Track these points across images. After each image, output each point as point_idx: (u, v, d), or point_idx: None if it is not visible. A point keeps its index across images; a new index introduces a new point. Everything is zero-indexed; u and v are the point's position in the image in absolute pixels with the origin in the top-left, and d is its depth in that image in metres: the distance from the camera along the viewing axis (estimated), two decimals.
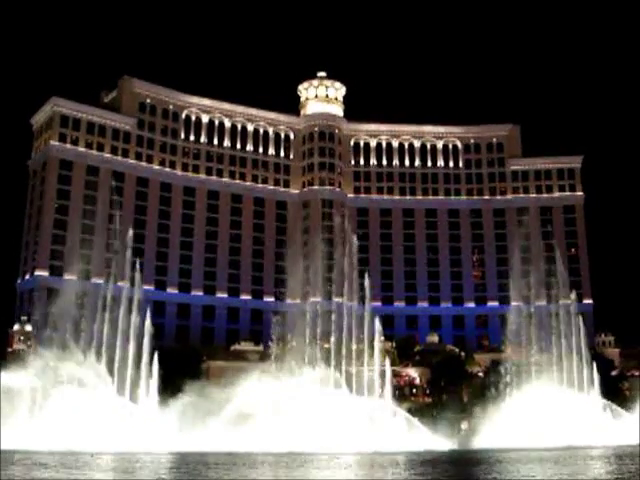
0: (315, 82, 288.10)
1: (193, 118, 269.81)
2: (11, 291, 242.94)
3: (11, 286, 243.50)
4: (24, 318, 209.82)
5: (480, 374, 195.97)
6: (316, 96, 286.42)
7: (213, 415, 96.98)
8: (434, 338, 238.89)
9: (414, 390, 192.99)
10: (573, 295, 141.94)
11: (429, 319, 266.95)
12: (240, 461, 71.51)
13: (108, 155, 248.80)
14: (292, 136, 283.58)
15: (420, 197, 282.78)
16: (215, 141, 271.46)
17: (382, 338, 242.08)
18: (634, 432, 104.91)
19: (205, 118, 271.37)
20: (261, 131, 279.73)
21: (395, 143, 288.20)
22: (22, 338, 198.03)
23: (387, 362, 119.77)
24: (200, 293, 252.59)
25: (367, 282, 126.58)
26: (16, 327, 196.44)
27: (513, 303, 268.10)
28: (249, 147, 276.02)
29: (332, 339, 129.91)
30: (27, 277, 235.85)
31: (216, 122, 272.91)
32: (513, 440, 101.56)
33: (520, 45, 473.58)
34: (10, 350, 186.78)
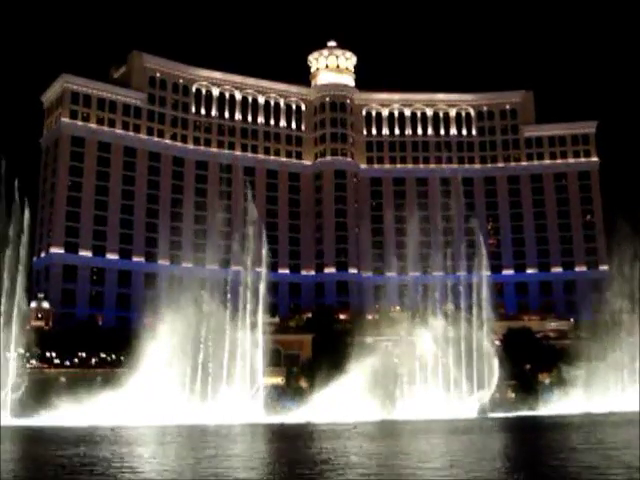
0: (325, 52, 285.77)
1: (203, 91, 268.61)
2: (27, 268, 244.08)
3: (27, 263, 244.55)
4: (41, 295, 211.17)
5: (497, 342, 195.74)
6: (327, 66, 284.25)
7: None
8: (449, 307, 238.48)
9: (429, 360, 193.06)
10: None
11: (445, 288, 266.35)
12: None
13: (120, 131, 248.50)
14: (303, 107, 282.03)
15: (433, 166, 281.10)
16: (226, 114, 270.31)
17: (397, 308, 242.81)
18: None
19: (215, 91, 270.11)
20: (272, 103, 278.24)
21: (407, 112, 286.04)
22: (40, 315, 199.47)
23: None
24: (216, 267, 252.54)
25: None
26: (33, 304, 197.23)
27: (529, 271, 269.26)
28: (260, 119, 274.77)
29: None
30: (42, 254, 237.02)
31: (227, 95, 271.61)
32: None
33: (532, 10, 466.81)
34: (28, 327, 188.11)
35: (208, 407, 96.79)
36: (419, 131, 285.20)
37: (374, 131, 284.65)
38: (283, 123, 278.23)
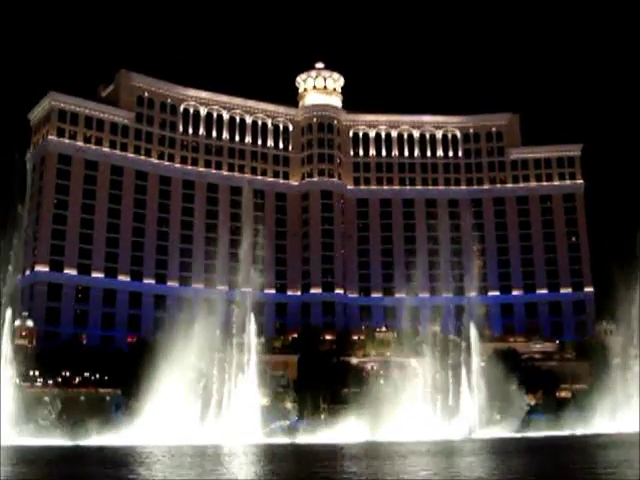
0: (313, 73, 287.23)
1: (191, 111, 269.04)
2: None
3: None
4: (25, 314, 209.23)
5: (482, 364, 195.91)
6: (314, 87, 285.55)
7: None
8: (435, 329, 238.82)
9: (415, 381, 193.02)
10: None
11: (430, 310, 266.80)
12: None
13: (106, 149, 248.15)
14: (291, 127, 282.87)
15: (420, 187, 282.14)
16: (214, 133, 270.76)
17: (384, 328, 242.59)
18: None
19: (203, 111, 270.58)
20: (259, 123, 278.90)
21: (394, 133, 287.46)
22: (24, 334, 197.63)
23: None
24: (201, 286, 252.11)
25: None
26: (17, 323, 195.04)
27: (514, 292, 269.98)
28: (248, 139, 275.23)
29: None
30: (27, 272, 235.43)
31: (214, 114, 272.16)
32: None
33: (518, 34, 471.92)
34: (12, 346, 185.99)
35: (209, 428, 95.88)
36: (406, 152, 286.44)
37: (361, 152, 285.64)
38: (270, 143, 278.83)
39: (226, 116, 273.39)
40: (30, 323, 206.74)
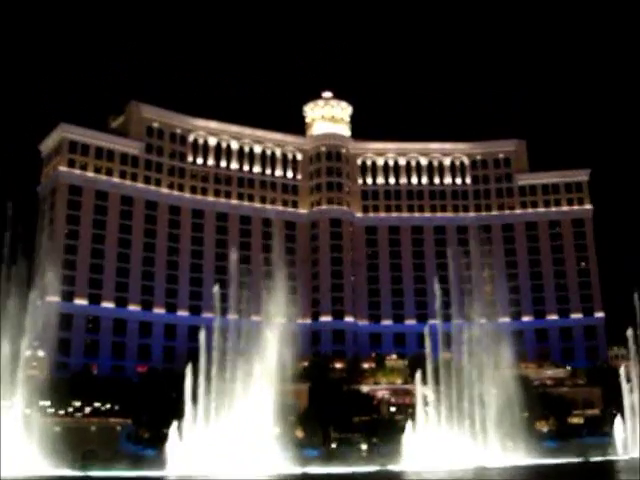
0: (321, 102, 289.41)
1: (200, 141, 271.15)
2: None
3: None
4: (36, 344, 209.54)
5: (494, 390, 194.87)
6: (322, 116, 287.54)
7: None
8: (447, 355, 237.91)
9: (426, 408, 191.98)
10: None
11: (441, 336, 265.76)
12: None
13: (117, 180, 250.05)
14: (299, 157, 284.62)
15: (428, 214, 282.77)
16: (223, 163, 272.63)
17: (394, 356, 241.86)
18: None
19: (212, 141, 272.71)
20: (268, 152, 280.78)
21: (402, 161, 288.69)
22: (35, 364, 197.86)
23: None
24: (210, 315, 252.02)
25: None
26: (28, 353, 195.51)
27: (525, 318, 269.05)
28: (257, 169, 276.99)
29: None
30: (38, 302, 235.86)
31: (223, 144, 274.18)
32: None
33: (525, 60, 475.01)
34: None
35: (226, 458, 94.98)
36: (414, 180, 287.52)
37: (369, 180, 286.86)
38: (279, 172, 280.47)
39: (235, 146, 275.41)
40: (41, 353, 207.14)
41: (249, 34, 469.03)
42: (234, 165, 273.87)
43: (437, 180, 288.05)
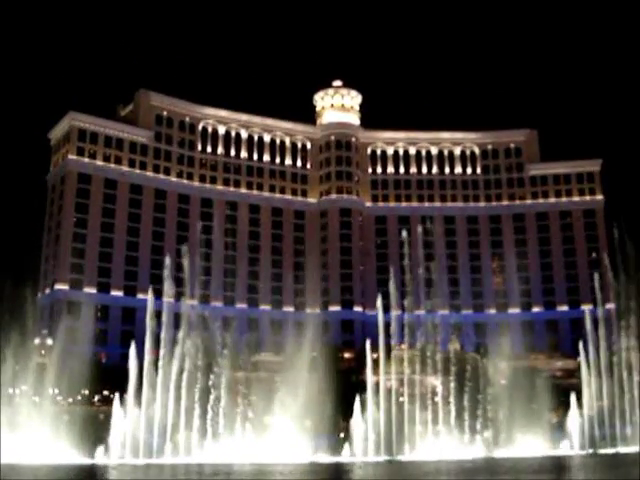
0: (331, 91, 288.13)
1: (210, 129, 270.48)
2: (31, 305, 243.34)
3: (31, 300, 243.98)
4: (45, 332, 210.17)
5: (502, 382, 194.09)
6: (332, 105, 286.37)
7: None
8: (455, 346, 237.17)
9: (435, 399, 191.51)
10: None
11: (449, 326, 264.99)
12: None
13: (126, 168, 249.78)
14: (309, 145, 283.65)
15: (438, 204, 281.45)
16: (232, 152, 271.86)
17: (404, 346, 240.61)
18: None
19: (222, 129, 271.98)
20: (278, 141, 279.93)
21: (412, 150, 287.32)
22: (43, 352, 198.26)
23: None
24: (220, 304, 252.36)
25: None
26: (37, 341, 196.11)
27: (535, 309, 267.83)
28: (266, 157, 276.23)
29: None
30: (47, 291, 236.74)
31: (233, 133, 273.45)
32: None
33: (537, 49, 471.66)
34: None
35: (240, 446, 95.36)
36: (424, 169, 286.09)
37: (379, 169, 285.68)
38: (288, 161, 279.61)
39: (244, 134, 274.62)
40: (50, 341, 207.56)
41: (259, 22, 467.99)
42: (243, 154, 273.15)
43: (447, 170, 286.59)
